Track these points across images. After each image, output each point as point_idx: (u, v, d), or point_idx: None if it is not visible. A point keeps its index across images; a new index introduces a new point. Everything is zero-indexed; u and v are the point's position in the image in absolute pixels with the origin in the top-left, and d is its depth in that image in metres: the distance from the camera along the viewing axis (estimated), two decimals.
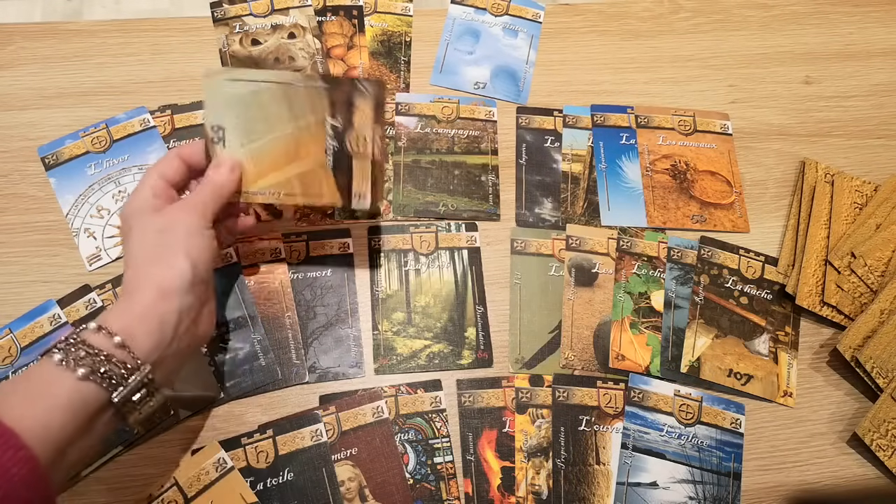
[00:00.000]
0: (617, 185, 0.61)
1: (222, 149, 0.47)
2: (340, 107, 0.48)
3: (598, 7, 0.70)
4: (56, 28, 0.64)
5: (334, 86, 0.47)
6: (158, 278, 0.41)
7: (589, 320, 0.56)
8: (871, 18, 0.71)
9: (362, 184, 0.49)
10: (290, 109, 0.47)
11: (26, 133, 0.59)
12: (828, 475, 0.53)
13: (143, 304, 0.40)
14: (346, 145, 0.48)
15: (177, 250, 0.41)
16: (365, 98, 0.48)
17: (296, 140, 0.48)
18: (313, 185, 0.48)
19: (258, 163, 0.47)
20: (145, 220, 0.43)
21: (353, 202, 0.49)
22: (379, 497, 0.49)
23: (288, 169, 0.48)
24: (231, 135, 0.47)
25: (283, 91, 0.47)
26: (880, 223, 0.59)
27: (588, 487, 0.51)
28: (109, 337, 0.38)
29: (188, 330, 0.42)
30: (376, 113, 0.48)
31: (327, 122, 0.48)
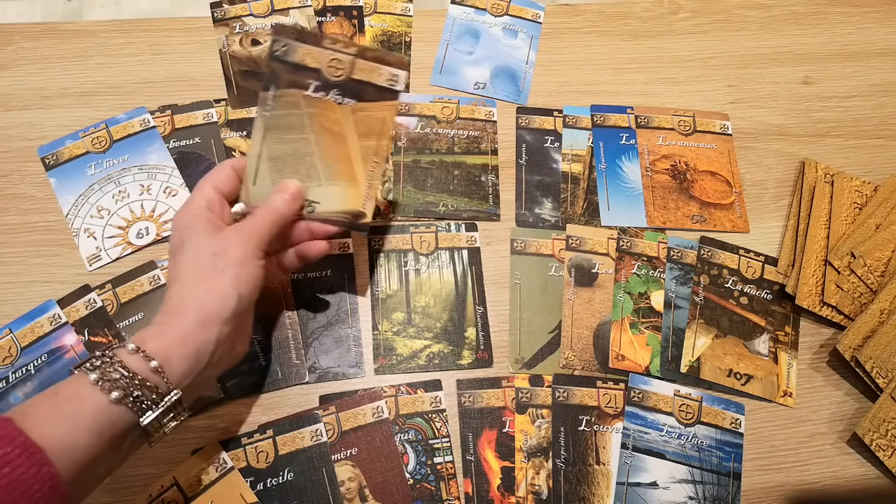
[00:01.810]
0: (617, 185, 0.61)
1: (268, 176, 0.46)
2: (369, 119, 0.47)
3: (598, 7, 0.70)
4: (56, 28, 0.64)
5: (361, 94, 0.47)
6: (203, 303, 0.40)
7: (589, 320, 0.56)
8: (871, 18, 0.71)
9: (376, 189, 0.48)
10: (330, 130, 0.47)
11: (26, 133, 0.59)
12: (828, 475, 0.53)
13: (183, 328, 0.39)
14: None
15: (227, 278, 0.41)
16: (391, 98, 0.47)
17: (338, 156, 0.47)
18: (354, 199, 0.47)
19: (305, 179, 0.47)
20: (201, 240, 0.42)
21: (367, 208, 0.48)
22: (379, 497, 0.49)
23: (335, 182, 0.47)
24: (276, 165, 0.46)
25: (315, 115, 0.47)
26: (880, 223, 0.59)
27: (588, 487, 0.51)
28: (146, 360, 0.37)
29: (223, 356, 0.42)
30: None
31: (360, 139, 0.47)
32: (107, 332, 0.52)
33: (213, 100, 0.62)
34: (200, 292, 0.40)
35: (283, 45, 0.46)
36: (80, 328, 0.52)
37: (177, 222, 0.44)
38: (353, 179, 0.47)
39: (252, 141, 0.47)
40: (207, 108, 0.61)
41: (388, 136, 0.47)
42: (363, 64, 0.46)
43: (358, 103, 0.47)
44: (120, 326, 0.53)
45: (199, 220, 0.43)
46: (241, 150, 0.60)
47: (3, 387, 0.50)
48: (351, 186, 0.47)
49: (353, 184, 0.47)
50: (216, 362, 0.41)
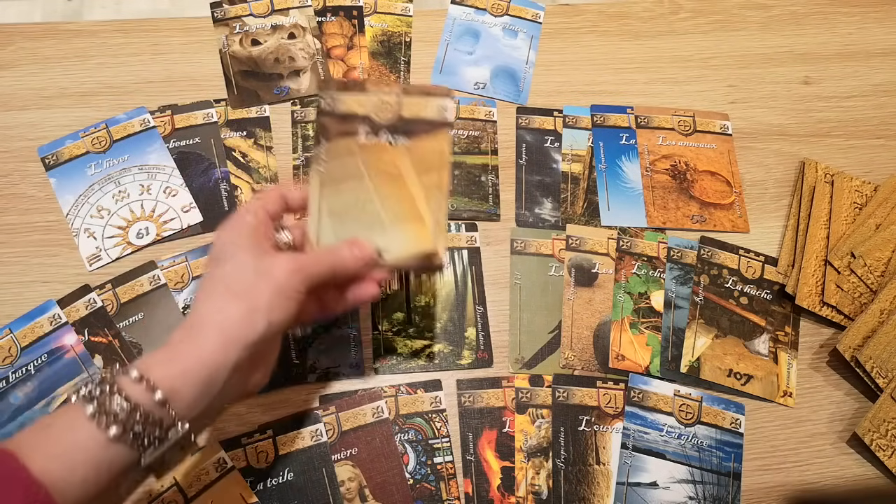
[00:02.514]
0: (617, 185, 0.61)
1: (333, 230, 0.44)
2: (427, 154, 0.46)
3: (598, 7, 0.70)
4: (56, 28, 0.64)
5: (413, 131, 0.46)
6: (229, 322, 0.37)
7: (589, 320, 0.56)
8: (871, 18, 0.71)
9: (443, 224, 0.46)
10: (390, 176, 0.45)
11: (26, 133, 0.59)
12: (828, 475, 0.53)
13: (199, 349, 0.36)
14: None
15: (262, 300, 0.38)
16: (444, 129, 0.46)
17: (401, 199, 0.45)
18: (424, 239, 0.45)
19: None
20: (245, 257, 0.39)
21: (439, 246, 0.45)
22: (379, 497, 0.49)
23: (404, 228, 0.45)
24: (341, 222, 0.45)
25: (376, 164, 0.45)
26: (880, 223, 0.59)
27: (588, 487, 0.51)
28: (150, 391, 0.34)
29: (238, 385, 0.39)
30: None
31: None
32: (107, 332, 0.52)
33: (213, 100, 0.62)
34: (229, 309, 0.37)
35: (329, 99, 0.46)
36: (80, 328, 0.52)
37: (221, 236, 0.41)
38: (419, 219, 0.45)
39: (310, 200, 0.44)
40: (207, 108, 0.61)
41: (447, 167, 0.46)
42: (409, 101, 0.46)
43: (411, 140, 0.46)
44: (120, 326, 0.53)
45: (246, 237, 0.41)
46: (241, 150, 0.60)
47: (3, 387, 0.50)
48: (418, 226, 0.45)
49: (419, 223, 0.45)
50: (230, 391, 0.38)
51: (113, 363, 0.35)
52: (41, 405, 0.50)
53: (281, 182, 0.60)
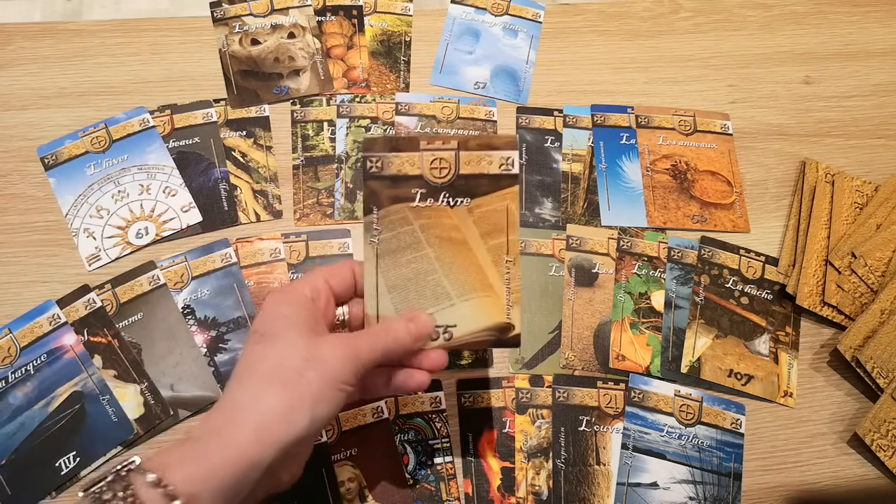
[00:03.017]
0: (617, 185, 0.61)
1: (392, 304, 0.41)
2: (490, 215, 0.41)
3: (598, 7, 0.70)
4: (56, 28, 0.64)
5: (475, 190, 0.41)
6: (268, 417, 0.33)
7: (589, 320, 0.56)
8: (871, 18, 0.71)
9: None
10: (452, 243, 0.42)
11: (26, 133, 0.59)
12: (828, 475, 0.53)
13: (227, 449, 0.32)
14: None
15: (309, 393, 0.34)
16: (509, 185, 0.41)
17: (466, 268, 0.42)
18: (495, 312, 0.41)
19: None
20: (296, 338, 0.35)
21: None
22: (379, 497, 0.49)
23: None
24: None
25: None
26: (880, 223, 0.59)
27: (588, 488, 0.51)
28: (168, 499, 0.30)
29: (267, 483, 0.35)
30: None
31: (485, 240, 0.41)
32: (106, 332, 0.52)
33: (213, 99, 0.62)
34: (270, 399, 0.33)
35: (377, 161, 0.41)
36: (80, 328, 0.52)
37: (273, 305, 0.37)
38: (489, 288, 0.41)
39: (365, 275, 0.41)
40: (207, 107, 0.61)
41: (516, 227, 0.41)
42: (468, 156, 0.41)
43: (473, 200, 0.41)
44: (119, 326, 0.53)
45: (298, 310, 0.37)
46: (240, 150, 0.60)
47: (2, 387, 0.50)
48: (488, 297, 0.41)
49: (489, 293, 0.41)
50: (257, 492, 0.34)
51: (124, 470, 0.32)
52: (40, 405, 0.50)
53: (354, 259, 0.52)
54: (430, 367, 0.40)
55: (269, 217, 0.58)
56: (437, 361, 0.40)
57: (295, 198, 0.59)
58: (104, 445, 0.49)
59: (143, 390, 0.51)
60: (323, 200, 0.59)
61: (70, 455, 0.49)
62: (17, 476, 0.48)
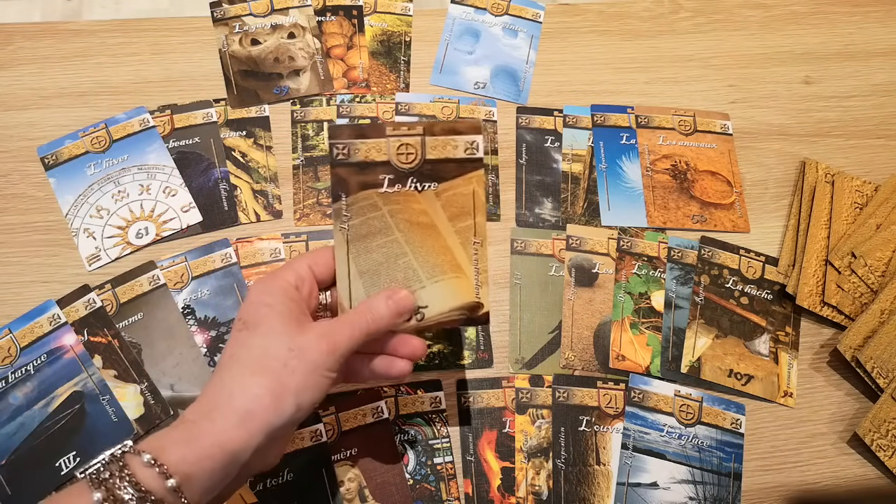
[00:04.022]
0: (617, 185, 0.61)
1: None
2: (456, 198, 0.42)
3: (598, 7, 0.70)
4: (56, 28, 0.64)
5: (441, 174, 0.42)
6: (254, 405, 0.35)
7: (589, 320, 0.56)
8: (871, 18, 0.71)
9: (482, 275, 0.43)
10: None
11: (26, 133, 0.59)
12: (828, 475, 0.53)
13: (218, 433, 0.34)
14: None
15: (293, 382, 0.35)
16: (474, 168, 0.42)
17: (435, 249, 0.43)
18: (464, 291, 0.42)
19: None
20: (279, 327, 0.37)
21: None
22: (379, 497, 0.49)
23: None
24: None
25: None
26: (880, 223, 0.59)
27: (588, 488, 0.51)
28: (163, 478, 0.32)
29: (255, 464, 0.37)
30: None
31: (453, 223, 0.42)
32: (106, 332, 0.52)
33: (213, 99, 0.62)
34: (256, 389, 0.35)
35: (343, 147, 0.41)
36: (80, 328, 0.52)
37: (256, 294, 0.38)
38: (458, 269, 0.42)
39: (337, 261, 0.41)
40: (207, 107, 0.61)
41: (483, 210, 0.42)
42: (434, 141, 0.42)
43: (440, 185, 0.42)
44: (119, 326, 0.53)
45: (283, 300, 0.38)
46: (240, 150, 0.60)
47: (2, 387, 0.50)
48: (458, 277, 0.42)
49: (459, 274, 0.42)
50: (245, 473, 0.36)
51: (121, 451, 0.33)
52: (40, 405, 0.50)
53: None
54: (408, 355, 0.41)
55: (269, 217, 0.58)
56: (416, 349, 0.41)
57: (295, 198, 0.59)
58: (104, 445, 0.49)
59: (143, 390, 0.51)
60: (323, 200, 0.59)
61: (70, 455, 0.49)
62: (17, 476, 0.48)
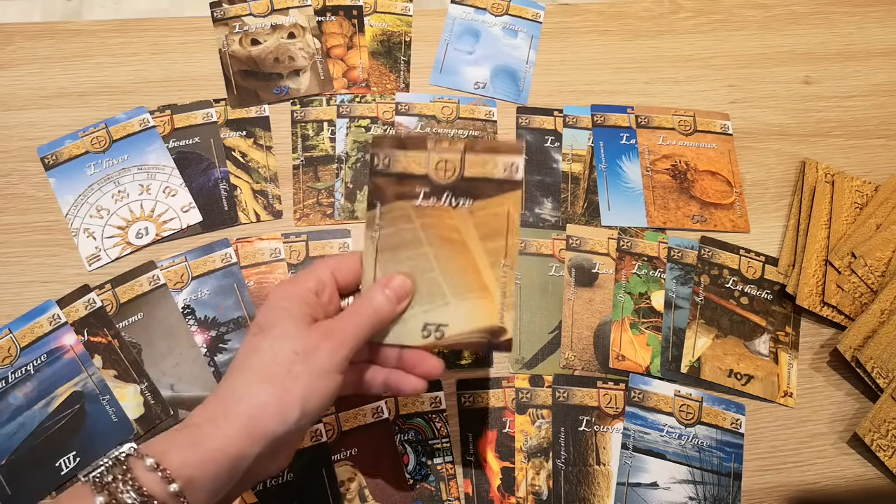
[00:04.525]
0: (617, 185, 0.61)
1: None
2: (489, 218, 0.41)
3: (598, 7, 0.70)
4: (56, 28, 0.64)
5: (478, 192, 0.41)
6: (258, 411, 0.34)
7: (589, 320, 0.56)
8: (871, 18, 0.71)
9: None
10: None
11: (26, 133, 0.59)
12: (828, 475, 0.53)
13: (221, 438, 0.33)
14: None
15: (298, 388, 0.35)
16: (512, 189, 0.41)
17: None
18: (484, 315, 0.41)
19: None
20: (289, 330, 0.36)
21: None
22: (379, 497, 0.49)
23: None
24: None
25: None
26: (880, 223, 0.59)
27: (588, 488, 0.51)
28: (165, 482, 0.31)
29: (259, 471, 0.36)
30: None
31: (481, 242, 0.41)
32: (106, 332, 0.52)
33: (213, 99, 0.62)
34: (262, 397, 0.34)
35: (384, 157, 0.41)
36: (80, 328, 0.52)
37: (272, 298, 0.38)
38: (485, 290, 0.41)
39: (364, 268, 0.41)
40: (207, 107, 0.61)
41: (516, 232, 0.41)
42: (474, 158, 0.41)
43: (475, 202, 0.41)
44: (119, 326, 0.53)
45: (298, 304, 0.37)
46: (240, 150, 0.60)
47: (2, 387, 0.50)
48: (483, 299, 0.41)
49: (484, 295, 0.41)
50: (248, 479, 0.36)
51: (123, 456, 0.33)
52: (40, 405, 0.50)
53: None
54: (424, 373, 0.40)
55: (269, 217, 0.58)
56: (433, 368, 0.40)
57: (295, 198, 0.59)
58: (104, 445, 0.49)
59: (143, 390, 0.51)
60: (323, 200, 0.59)
61: (70, 455, 0.49)
62: (17, 476, 0.48)
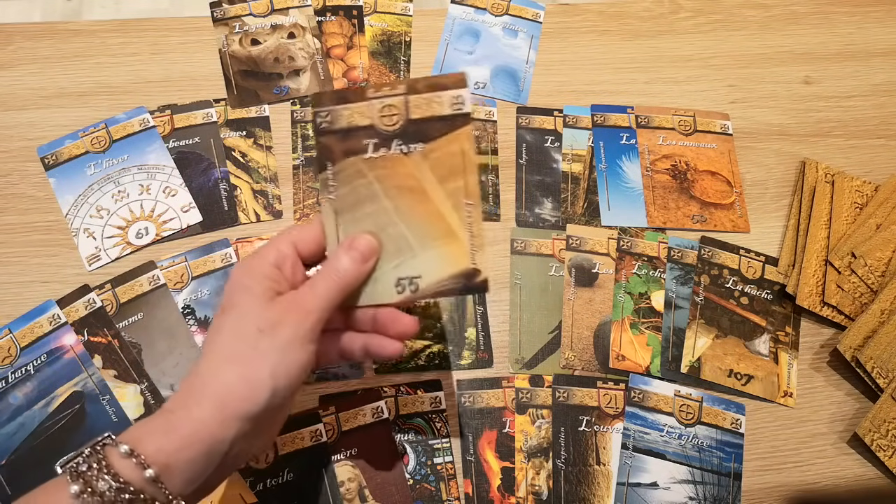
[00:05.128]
0: (617, 185, 0.61)
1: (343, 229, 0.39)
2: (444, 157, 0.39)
3: (598, 7, 0.70)
4: (56, 28, 0.64)
5: (428, 133, 0.39)
6: (226, 393, 0.33)
7: (589, 320, 0.56)
8: (871, 18, 0.71)
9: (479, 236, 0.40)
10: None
11: (26, 133, 0.59)
12: (828, 475, 0.53)
13: (194, 422, 0.33)
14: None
15: (265, 365, 0.34)
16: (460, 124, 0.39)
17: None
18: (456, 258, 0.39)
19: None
20: (251, 307, 0.35)
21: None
22: (379, 497, 0.49)
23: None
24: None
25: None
26: (880, 223, 0.59)
27: (588, 488, 0.51)
28: (140, 468, 0.31)
29: (239, 454, 0.35)
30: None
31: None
32: (106, 332, 0.52)
33: (213, 99, 0.62)
34: (228, 377, 0.33)
35: (326, 115, 0.40)
36: (80, 328, 0.52)
37: (233, 276, 0.37)
38: (452, 234, 0.39)
39: (326, 233, 0.40)
40: (207, 107, 0.61)
41: (473, 169, 0.39)
42: (418, 99, 0.39)
43: (427, 145, 0.39)
44: (119, 326, 0.53)
45: (260, 280, 0.36)
46: (240, 150, 0.60)
47: (2, 387, 0.50)
48: (451, 243, 0.39)
49: (452, 239, 0.39)
50: (230, 462, 0.35)
51: (102, 439, 0.33)
52: (40, 405, 0.50)
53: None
54: (399, 334, 0.39)
55: (269, 217, 0.58)
56: (406, 327, 0.39)
57: (295, 198, 0.59)
58: None
59: (143, 390, 0.51)
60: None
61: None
62: (17, 476, 0.48)
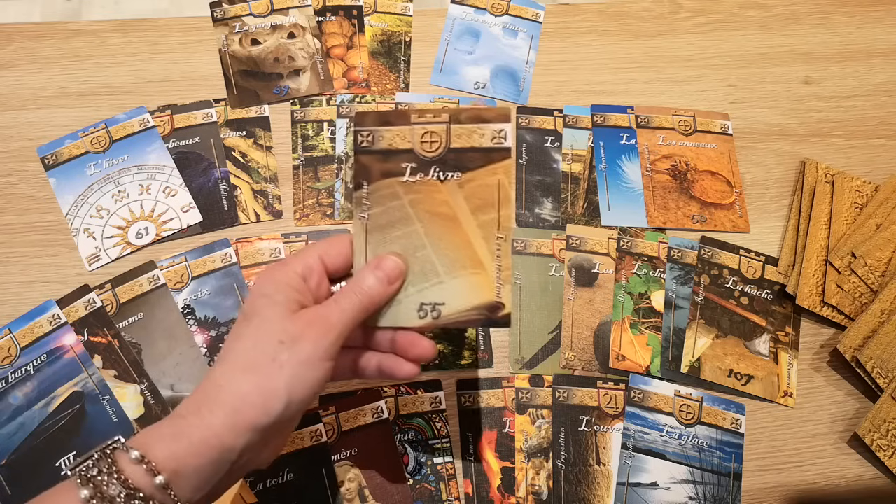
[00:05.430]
0: (617, 185, 0.61)
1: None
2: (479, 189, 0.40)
3: (598, 7, 0.70)
4: (55, 28, 0.64)
5: (466, 163, 0.40)
6: (241, 402, 0.33)
7: (589, 320, 0.56)
8: (871, 18, 0.71)
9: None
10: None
11: (26, 133, 0.59)
12: (828, 475, 0.53)
13: (206, 430, 0.33)
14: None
15: (282, 377, 0.34)
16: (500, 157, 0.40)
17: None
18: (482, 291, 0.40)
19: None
20: (273, 318, 0.35)
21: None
22: (379, 497, 0.49)
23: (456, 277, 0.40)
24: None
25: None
26: (880, 223, 0.59)
27: (588, 488, 0.51)
28: (151, 474, 0.31)
29: (247, 463, 0.35)
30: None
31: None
32: (106, 332, 0.52)
33: (213, 99, 0.62)
34: (244, 386, 0.33)
35: (368, 134, 0.40)
36: (80, 328, 0.52)
37: (258, 284, 0.37)
38: (480, 265, 0.39)
39: (354, 250, 0.40)
40: (207, 107, 0.61)
41: (508, 203, 0.40)
42: (460, 129, 0.40)
43: (464, 174, 0.40)
44: (119, 326, 0.53)
45: (283, 291, 0.36)
46: (240, 150, 0.60)
47: (2, 387, 0.50)
48: (478, 274, 0.39)
49: (479, 270, 0.39)
50: (237, 471, 0.35)
51: (110, 447, 0.33)
52: (40, 405, 0.50)
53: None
54: (417, 357, 0.39)
55: (269, 217, 0.58)
56: (425, 351, 0.39)
57: (295, 198, 0.59)
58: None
59: (143, 390, 0.51)
60: (323, 200, 0.59)
61: (70, 455, 0.49)
62: (17, 476, 0.48)
